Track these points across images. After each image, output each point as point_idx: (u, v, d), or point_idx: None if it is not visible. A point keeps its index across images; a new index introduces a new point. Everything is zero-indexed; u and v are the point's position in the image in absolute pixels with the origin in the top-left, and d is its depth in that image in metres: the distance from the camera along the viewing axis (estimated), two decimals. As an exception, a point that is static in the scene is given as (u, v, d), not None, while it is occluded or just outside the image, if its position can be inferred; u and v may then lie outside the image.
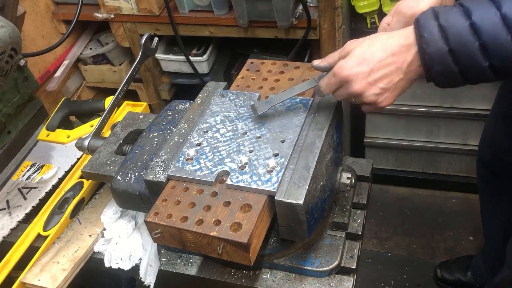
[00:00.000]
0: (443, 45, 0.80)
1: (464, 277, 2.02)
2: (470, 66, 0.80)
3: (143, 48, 1.25)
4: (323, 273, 1.07)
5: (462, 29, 0.78)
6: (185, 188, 0.95)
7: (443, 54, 0.81)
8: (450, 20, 0.80)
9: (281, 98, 1.02)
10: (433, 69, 0.83)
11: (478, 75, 0.82)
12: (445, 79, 0.84)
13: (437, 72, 0.84)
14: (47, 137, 1.49)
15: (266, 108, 1.01)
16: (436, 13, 0.82)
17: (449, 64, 0.81)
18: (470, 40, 0.78)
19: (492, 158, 1.65)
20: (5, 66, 1.12)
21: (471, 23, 0.78)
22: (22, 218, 1.29)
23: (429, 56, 0.82)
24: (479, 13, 0.78)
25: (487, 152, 1.67)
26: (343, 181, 1.09)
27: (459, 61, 0.80)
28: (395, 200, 2.47)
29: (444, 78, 0.84)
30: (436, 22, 0.81)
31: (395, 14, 0.99)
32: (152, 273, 1.16)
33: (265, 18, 1.92)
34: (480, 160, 1.74)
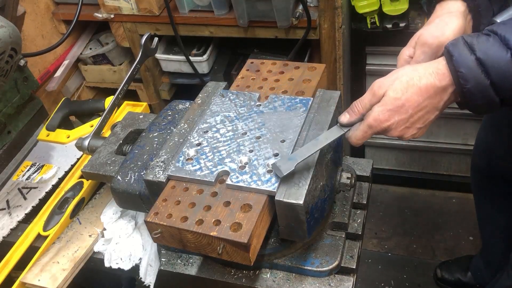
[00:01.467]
0: (484, 80, 0.77)
1: (464, 277, 2.02)
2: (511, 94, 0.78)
3: (143, 48, 1.25)
4: (323, 273, 1.07)
5: (503, 62, 0.75)
6: (185, 188, 0.95)
7: (484, 89, 0.77)
8: (489, 52, 0.76)
9: (305, 154, 0.90)
10: (473, 103, 0.81)
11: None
12: (484, 108, 0.82)
13: (477, 104, 0.81)
14: (47, 137, 1.49)
15: (292, 167, 0.88)
16: (470, 45, 0.78)
17: (490, 96, 0.78)
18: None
19: (487, 165, 1.65)
20: (5, 66, 1.12)
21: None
22: (22, 218, 1.29)
23: (469, 91, 0.79)
24: None
25: (482, 159, 1.67)
26: (343, 181, 1.09)
27: (501, 93, 0.78)
28: (395, 200, 2.47)
29: (484, 108, 0.82)
30: (473, 56, 0.77)
31: (419, 46, 0.93)
32: (152, 273, 1.16)
33: (265, 18, 1.92)
34: (474, 167, 1.74)
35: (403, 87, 0.82)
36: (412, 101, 0.82)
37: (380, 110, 0.84)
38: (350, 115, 0.89)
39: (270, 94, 1.12)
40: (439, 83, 0.81)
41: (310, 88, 1.13)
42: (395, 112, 0.83)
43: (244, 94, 1.13)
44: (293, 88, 1.14)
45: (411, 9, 1.82)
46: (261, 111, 1.07)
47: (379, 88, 0.84)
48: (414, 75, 0.82)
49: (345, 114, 0.90)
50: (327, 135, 0.92)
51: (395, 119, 0.84)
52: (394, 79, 0.84)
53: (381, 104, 0.84)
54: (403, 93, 0.82)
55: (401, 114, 0.83)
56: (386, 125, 0.84)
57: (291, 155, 0.91)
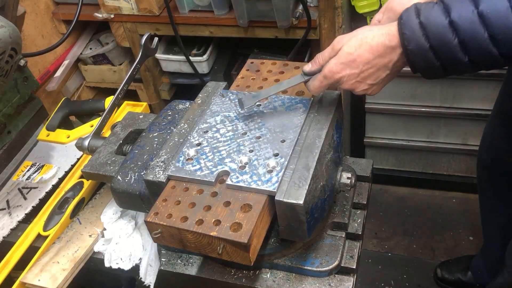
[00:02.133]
0: (423, 42, 0.82)
1: (464, 277, 2.02)
2: (451, 61, 0.83)
3: (143, 48, 1.25)
4: (323, 273, 1.07)
5: (442, 27, 0.80)
6: (185, 188, 0.95)
7: (424, 51, 0.83)
8: (430, 17, 0.81)
9: (268, 92, 1.02)
10: (416, 64, 0.86)
11: (459, 69, 0.84)
12: (429, 72, 0.87)
13: (420, 67, 0.86)
14: (47, 137, 1.49)
15: (253, 103, 1.01)
16: (418, 10, 0.84)
17: (430, 60, 0.83)
18: (449, 37, 0.80)
19: (492, 161, 1.65)
20: (5, 66, 1.12)
21: (450, 20, 0.80)
22: (22, 218, 1.29)
23: (411, 52, 0.84)
24: (458, 10, 0.79)
25: (487, 154, 1.67)
26: (343, 181, 1.09)
27: (440, 57, 0.83)
28: (395, 200, 2.47)
29: (428, 71, 0.87)
30: (417, 19, 0.83)
31: (386, 11, 0.99)
32: (152, 273, 1.16)
33: (265, 18, 1.92)
34: (480, 163, 1.74)
35: (357, 44, 0.89)
36: (363, 57, 0.89)
37: (334, 63, 0.91)
38: (312, 65, 0.97)
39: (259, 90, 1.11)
40: (389, 43, 0.87)
41: (310, 88, 1.13)
42: (347, 66, 0.90)
43: (244, 94, 1.13)
44: (293, 88, 1.14)
45: (411, 9, 1.82)
46: (261, 111, 1.07)
47: (337, 43, 0.92)
48: (368, 34, 0.89)
49: (309, 64, 0.98)
50: (290, 81, 1.01)
51: (346, 72, 0.90)
52: (352, 37, 0.90)
53: (336, 57, 0.91)
54: (356, 49, 0.89)
55: (353, 68, 0.90)
56: (338, 76, 0.91)
57: (254, 93, 1.02)
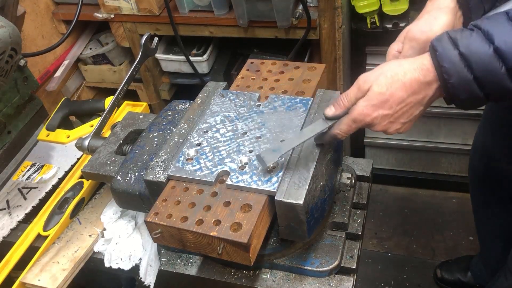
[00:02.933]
0: (467, 74, 0.77)
1: (464, 277, 2.02)
2: (496, 90, 0.78)
3: (143, 48, 1.25)
4: (323, 273, 1.07)
5: (486, 56, 0.75)
6: (185, 188, 0.95)
7: (468, 83, 0.77)
8: (472, 47, 0.76)
9: (290, 145, 0.91)
10: (457, 97, 0.80)
11: (504, 96, 0.79)
12: (470, 103, 0.82)
13: (461, 99, 0.81)
14: (47, 137, 1.49)
15: (276, 158, 0.90)
16: (454, 40, 0.78)
17: (474, 91, 0.78)
18: (496, 66, 0.75)
19: (484, 167, 1.65)
20: (5, 66, 1.12)
21: (495, 48, 0.75)
22: (22, 218, 1.29)
23: (452, 86, 0.78)
24: (502, 36, 0.74)
25: (479, 161, 1.67)
26: (343, 181, 1.09)
27: (485, 88, 0.77)
28: (395, 200, 2.46)
29: (469, 103, 0.82)
30: (456, 50, 0.77)
31: (407, 41, 0.92)
32: (152, 273, 1.16)
33: (265, 18, 1.92)
34: (472, 170, 1.74)
35: (387, 82, 0.82)
36: (396, 97, 0.82)
37: (364, 105, 0.84)
38: (336, 108, 0.88)
39: (270, 94, 1.11)
40: (424, 79, 0.81)
41: (310, 88, 1.13)
42: (379, 107, 0.83)
43: (244, 94, 1.13)
44: (293, 88, 1.14)
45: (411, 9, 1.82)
46: (261, 111, 1.07)
47: (365, 83, 0.84)
48: (399, 70, 0.82)
49: (331, 107, 0.89)
50: (312, 128, 0.91)
51: (379, 114, 0.84)
52: (379, 74, 0.83)
53: (366, 99, 0.84)
54: (388, 88, 0.82)
55: (385, 109, 0.83)
56: (370, 119, 0.85)
57: (275, 147, 0.91)
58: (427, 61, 0.81)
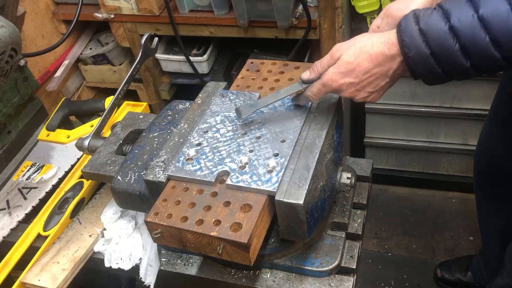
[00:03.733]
0: (424, 49, 0.81)
1: (464, 277, 2.02)
2: (452, 67, 0.82)
3: (143, 48, 1.25)
4: (323, 273, 1.07)
5: (442, 33, 0.79)
6: (185, 188, 0.95)
7: (425, 58, 0.82)
8: (430, 23, 0.81)
9: (266, 101, 1.01)
10: (417, 71, 0.85)
11: (461, 74, 0.83)
12: (431, 78, 0.87)
13: (421, 73, 0.86)
14: (47, 137, 1.49)
15: (251, 112, 1.00)
16: (417, 17, 0.83)
17: (431, 66, 0.83)
18: (450, 43, 0.79)
19: (489, 164, 1.65)
20: (5, 66, 1.12)
21: (450, 26, 0.79)
22: (22, 218, 1.29)
23: (412, 59, 0.83)
24: (457, 15, 0.78)
25: (484, 159, 1.67)
26: (343, 181, 1.09)
27: (441, 63, 0.82)
28: (395, 200, 2.46)
29: (430, 77, 0.86)
30: (417, 26, 0.82)
31: (385, 17, 0.98)
32: (152, 273, 1.16)
33: (265, 18, 1.92)
34: (477, 167, 1.74)
35: (356, 52, 0.88)
36: (362, 66, 0.88)
37: (333, 72, 0.91)
38: (310, 73, 0.96)
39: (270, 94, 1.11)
40: (388, 52, 0.86)
41: (310, 88, 1.13)
42: (346, 75, 0.90)
43: (244, 94, 1.13)
44: (293, 88, 1.14)
45: (411, 9, 1.82)
46: (261, 111, 1.07)
47: (336, 52, 0.91)
48: (367, 42, 0.88)
49: (306, 72, 0.97)
50: (287, 89, 1.00)
51: (345, 81, 0.90)
52: (350, 45, 0.90)
53: (335, 66, 0.91)
54: (355, 58, 0.88)
55: (352, 77, 0.90)
56: (337, 85, 0.92)
57: (252, 103, 1.01)
58: (393, 35, 0.86)
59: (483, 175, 1.72)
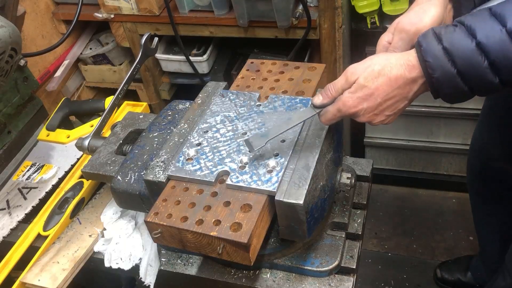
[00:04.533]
0: (450, 68, 0.78)
1: (464, 277, 2.02)
2: (480, 84, 0.79)
3: (143, 48, 1.25)
4: (323, 273, 1.07)
5: (469, 50, 0.76)
6: (185, 188, 0.95)
7: (451, 77, 0.79)
8: (455, 41, 0.77)
9: (277, 131, 0.94)
10: (442, 92, 0.82)
11: (488, 90, 0.80)
12: (455, 97, 0.83)
13: (446, 93, 0.82)
14: (47, 137, 1.49)
15: (263, 143, 0.93)
16: (438, 36, 0.79)
17: (458, 85, 0.79)
18: (478, 60, 0.76)
19: (482, 165, 1.65)
20: (5, 66, 1.12)
21: (477, 43, 0.76)
22: (22, 218, 1.29)
23: (437, 80, 0.80)
24: (484, 31, 0.75)
25: (476, 159, 1.67)
26: (343, 181, 1.09)
27: (468, 82, 0.79)
28: (395, 200, 2.46)
29: (454, 97, 0.83)
30: (440, 45, 0.78)
31: (397, 32, 0.93)
32: (152, 273, 1.16)
33: (265, 18, 1.92)
34: (470, 168, 1.74)
35: (373, 76, 0.84)
36: (381, 90, 0.84)
37: (350, 96, 0.86)
38: (323, 97, 0.91)
39: (270, 94, 1.11)
40: (409, 74, 0.83)
41: (310, 88, 1.13)
42: (363, 100, 0.85)
43: (244, 94, 1.13)
44: (293, 88, 1.14)
45: (411, 9, 1.82)
46: (261, 111, 1.07)
47: (352, 75, 0.86)
48: (385, 64, 0.84)
49: (319, 96, 0.92)
50: (300, 115, 0.94)
51: (363, 106, 0.86)
52: (367, 67, 0.85)
53: (351, 90, 0.86)
54: (373, 82, 0.84)
55: (370, 102, 0.85)
56: (354, 110, 0.87)
57: (263, 132, 0.95)
58: (413, 57, 0.82)
59: (476, 176, 1.72)
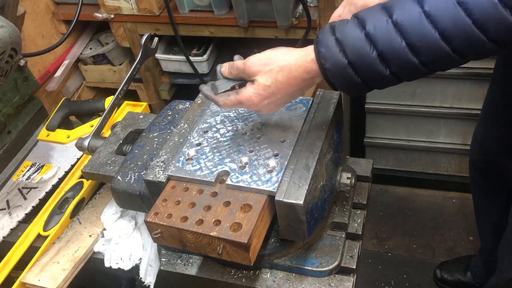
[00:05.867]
0: (341, 59, 0.78)
1: (463, 278, 2.02)
2: (372, 76, 0.79)
3: (143, 48, 1.25)
4: (323, 273, 1.07)
5: (358, 40, 0.77)
6: (185, 188, 0.95)
7: (343, 68, 0.79)
8: (346, 32, 0.78)
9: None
10: (337, 83, 0.82)
11: (382, 82, 0.80)
12: (351, 89, 0.83)
13: (340, 85, 0.82)
14: (47, 137, 1.49)
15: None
16: (333, 28, 0.80)
17: (351, 76, 0.79)
18: (367, 50, 0.76)
19: (483, 162, 1.66)
20: (5, 66, 1.12)
21: (366, 33, 0.76)
22: (22, 218, 1.29)
23: (329, 71, 0.80)
24: (372, 22, 0.76)
25: (478, 155, 1.68)
26: (343, 181, 1.09)
27: (360, 73, 0.79)
28: (395, 200, 2.46)
29: (350, 89, 0.83)
30: (333, 36, 0.79)
31: (347, 4, 0.95)
32: (152, 273, 1.16)
33: (265, 18, 1.92)
34: (472, 164, 1.75)
35: (272, 76, 0.85)
36: (281, 89, 0.86)
37: (252, 93, 0.87)
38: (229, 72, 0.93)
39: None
40: (307, 75, 0.84)
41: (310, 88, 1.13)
42: (265, 98, 0.87)
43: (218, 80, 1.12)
44: (293, 88, 1.14)
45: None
46: (261, 111, 1.07)
47: (250, 68, 0.87)
48: (285, 66, 0.85)
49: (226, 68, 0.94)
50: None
51: (264, 103, 0.88)
52: (265, 64, 0.86)
53: (254, 87, 0.87)
54: (273, 82, 0.85)
55: (271, 99, 0.87)
56: (256, 108, 0.89)
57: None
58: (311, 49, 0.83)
59: (478, 171, 1.73)
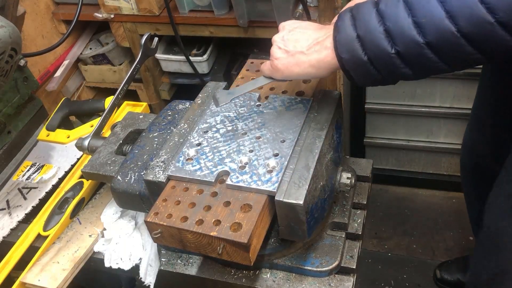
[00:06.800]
0: (352, 32, 0.81)
1: (463, 277, 2.02)
2: (377, 53, 0.80)
3: (143, 48, 1.25)
4: (323, 273, 1.07)
5: (369, 16, 0.80)
6: (185, 188, 0.95)
7: (351, 40, 0.81)
8: (360, 9, 0.82)
9: (243, 89, 1.01)
10: (342, 57, 0.83)
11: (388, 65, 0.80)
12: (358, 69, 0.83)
13: (346, 60, 0.83)
14: (47, 137, 1.49)
15: (228, 100, 1.00)
16: (352, 6, 0.85)
17: (356, 50, 0.81)
18: (375, 25, 0.79)
19: (473, 164, 1.67)
20: (5, 66, 1.12)
21: (377, 9, 0.79)
22: (22, 218, 1.29)
23: (338, 42, 0.83)
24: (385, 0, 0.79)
25: (468, 158, 1.68)
26: (343, 181, 1.09)
27: (366, 48, 0.80)
28: (395, 200, 2.46)
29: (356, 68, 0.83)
30: (350, 13, 0.83)
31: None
32: (152, 273, 1.16)
33: (265, 18, 1.92)
34: (462, 167, 1.75)
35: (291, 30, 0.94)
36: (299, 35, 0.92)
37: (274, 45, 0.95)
38: None
39: (270, 94, 1.12)
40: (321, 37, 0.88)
41: (310, 88, 1.13)
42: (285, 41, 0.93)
43: (244, 94, 1.13)
44: (293, 88, 1.14)
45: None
46: (261, 111, 1.07)
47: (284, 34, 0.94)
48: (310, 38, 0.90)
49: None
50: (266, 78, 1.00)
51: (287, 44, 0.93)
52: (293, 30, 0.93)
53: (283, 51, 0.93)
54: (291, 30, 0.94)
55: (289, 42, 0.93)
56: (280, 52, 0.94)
57: (230, 90, 1.03)
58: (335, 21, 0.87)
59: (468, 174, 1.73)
